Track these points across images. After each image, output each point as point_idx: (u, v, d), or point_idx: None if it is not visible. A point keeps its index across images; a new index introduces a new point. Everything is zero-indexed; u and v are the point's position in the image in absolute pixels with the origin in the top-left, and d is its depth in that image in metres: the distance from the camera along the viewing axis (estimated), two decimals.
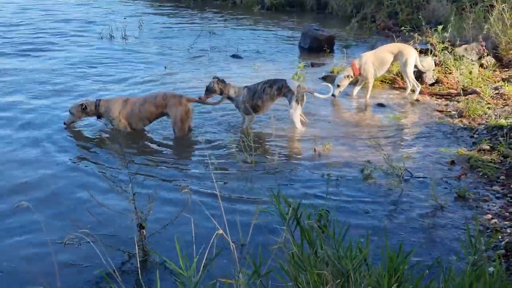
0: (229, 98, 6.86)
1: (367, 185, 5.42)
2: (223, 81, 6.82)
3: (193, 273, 2.56)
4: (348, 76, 8.12)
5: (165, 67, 9.66)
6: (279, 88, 6.79)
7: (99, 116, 6.69)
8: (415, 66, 8.30)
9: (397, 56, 8.30)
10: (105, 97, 6.99)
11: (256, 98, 6.78)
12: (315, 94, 7.08)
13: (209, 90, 6.79)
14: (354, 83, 8.50)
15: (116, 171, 5.55)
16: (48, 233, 4.24)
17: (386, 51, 8.34)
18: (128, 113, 6.55)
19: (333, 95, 7.83)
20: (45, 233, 4.06)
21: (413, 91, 8.37)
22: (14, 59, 10.04)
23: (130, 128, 6.63)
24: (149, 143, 6.51)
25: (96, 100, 6.69)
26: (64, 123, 6.73)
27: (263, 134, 6.79)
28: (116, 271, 2.94)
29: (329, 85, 7.47)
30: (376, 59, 8.26)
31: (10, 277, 3.88)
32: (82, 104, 6.61)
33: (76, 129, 6.82)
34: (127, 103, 6.58)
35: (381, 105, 8.04)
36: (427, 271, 3.04)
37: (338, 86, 8.06)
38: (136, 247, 3.43)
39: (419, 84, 8.34)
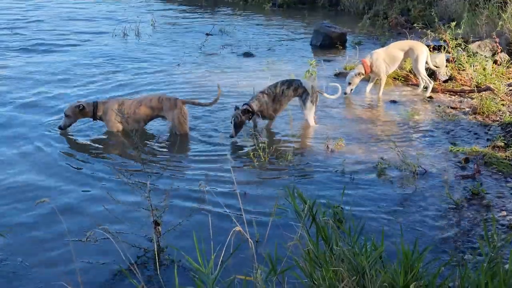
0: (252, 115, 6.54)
1: (381, 182, 5.42)
2: (247, 111, 6.43)
3: (211, 270, 2.59)
4: (359, 74, 8.11)
5: (179, 64, 9.71)
6: (295, 88, 6.75)
7: (94, 118, 6.65)
8: (426, 63, 8.27)
9: (408, 53, 8.28)
10: (102, 99, 6.86)
11: (276, 101, 6.68)
12: (325, 94, 7.12)
13: (238, 126, 6.39)
14: (367, 80, 8.50)
15: (132, 168, 5.59)
16: (66, 229, 4.31)
17: (396, 48, 8.33)
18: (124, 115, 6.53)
19: (344, 93, 7.84)
20: (64, 229, 4.12)
21: (426, 88, 8.34)
22: (27, 55, 10.13)
23: (124, 130, 6.56)
24: (165, 141, 6.53)
25: (94, 102, 6.64)
26: (60, 128, 6.55)
27: (275, 132, 6.80)
28: (136, 267, 2.97)
29: (338, 85, 7.40)
30: (387, 56, 8.24)
31: (31, 272, 3.94)
32: (79, 105, 6.52)
33: (91, 127, 6.86)
34: (123, 106, 6.56)
35: (394, 102, 8.02)
36: (443, 267, 3.05)
37: (350, 83, 8.06)
38: (155, 243, 3.46)
39: (431, 81, 8.32)
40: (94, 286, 3.72)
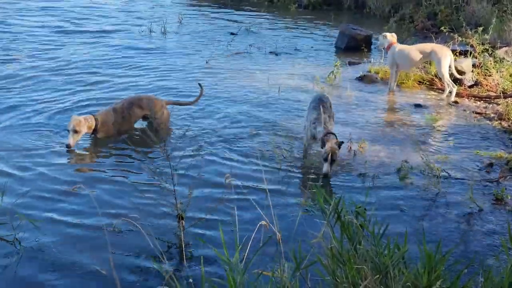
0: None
1: (404, 185, 5.43)
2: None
3: (237, 262, 2.64)
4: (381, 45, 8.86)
5: (207, 62, 9.78)
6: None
7: (94, 132, 6.30)
8: (449, 69, 8.23)
9: (430, 56, 8.27)
10: (98, 112, 6.45)
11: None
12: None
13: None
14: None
15: (157, 163, 5.67)
16: (91, 220, 4.41)
17: (416, 49, 8.39)
18: (119, 121, 6.44)
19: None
20: (96, 219, 4.20)
21: (450, 92, 8.30)
22: (51, 49, 10.27)
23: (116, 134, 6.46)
24: (190, 135, 6.51)
25: (94, 116, 6.27)
26: (68, 146, 5.91)
27: (299, 134, 6.81)
28: (164, 256, 3.04)
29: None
30: (400, 53, 8.30)
31: (65, 258, 4.06)
32: (95, 119, 6.17)
33: None
34: (116, 111, 6.44)
35: (418, 105, 7.99)
36: (465, 269, 3.06)
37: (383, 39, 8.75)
38: (182, 234, 3.53)
39: (455, 85, 8.26)
40: (124, 273, 3.80)
